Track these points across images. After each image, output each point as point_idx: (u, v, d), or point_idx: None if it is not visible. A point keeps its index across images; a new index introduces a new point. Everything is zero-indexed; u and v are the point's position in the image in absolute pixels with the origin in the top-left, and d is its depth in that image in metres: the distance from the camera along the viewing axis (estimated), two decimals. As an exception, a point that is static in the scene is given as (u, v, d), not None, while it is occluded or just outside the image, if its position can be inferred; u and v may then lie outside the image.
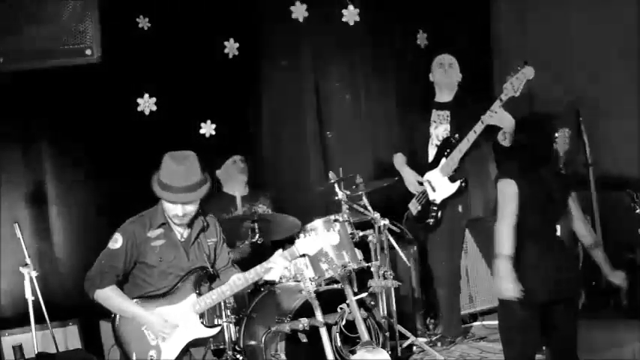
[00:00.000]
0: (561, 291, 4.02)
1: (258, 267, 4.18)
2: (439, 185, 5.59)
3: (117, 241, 4.14)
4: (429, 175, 5.63)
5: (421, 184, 5.68)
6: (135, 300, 4.15)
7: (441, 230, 5.65)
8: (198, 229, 4.31)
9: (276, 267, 4.17)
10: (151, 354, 4.11)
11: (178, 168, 4.11)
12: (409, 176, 5.73)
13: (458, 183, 5.55)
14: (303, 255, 4.34)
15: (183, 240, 4.27)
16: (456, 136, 5.50)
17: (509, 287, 3.89)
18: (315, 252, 4.25)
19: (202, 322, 4.18)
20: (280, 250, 4.23)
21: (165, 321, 4.12)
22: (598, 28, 6.38)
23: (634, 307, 5.71)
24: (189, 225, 4.28)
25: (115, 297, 4.13)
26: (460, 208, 5.62)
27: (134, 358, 4.11)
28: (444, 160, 5.56)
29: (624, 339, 5.33)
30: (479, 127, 5.23)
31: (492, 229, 4.01)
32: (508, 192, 3.95)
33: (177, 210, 4.13)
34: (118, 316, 4.17)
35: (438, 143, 5.64)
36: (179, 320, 4.14)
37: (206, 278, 4.30)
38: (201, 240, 4.33)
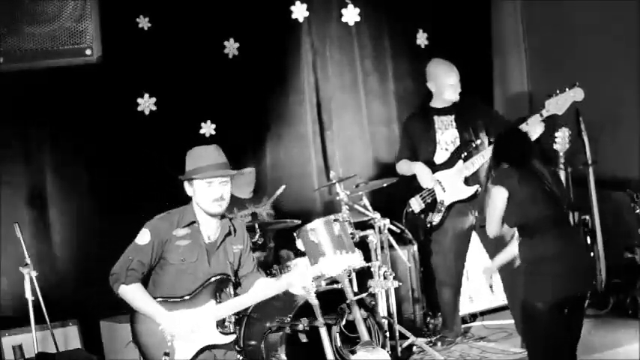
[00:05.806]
0: (580, 284, 3.97)
1: (278, 283, 4.10)
2: (451, 187, 5.54)
3: (145, 237, 4.07)
4: (440, 175, 5.57)
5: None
6: (158, 299, 4.09)
7: (449, 232, 5.60)
8: (225, 233, 4.23)
9: (297, 282, 4.06)
10: (165, 354, 4.08)
11: (207, 149, 4.13)
12: (423, 171, 5.59)
13: (474, 188, 5.52)
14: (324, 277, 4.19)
15: (208, 242, 4.19)
16: (478, 141, 5.48)
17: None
18: (339, 272, 4.11)
19: (218, 329, 4.12)
20: (303, 264, 4.20)
21: (183, 324, 4.05)
22: (599, 28, 6.38)
23: (634, 307, 5.73)
24: (221, 217, 4.21)
25: (139, 295, 4.05)
26: (476, 213, 5.57)
27: (149, 356, 4.06)
28: (460, 162, 5.52)
29: (624, 339, 5.33)
30: None
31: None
32: (498, 199, 3.99)
33: (215, 193, 4.06)
34: (136, 313, 4.11)
35: (448, 148, 5.61)
36: (196, 325, 4.07)
37: (228, 285, 4.22)
38: (227, 245, 4.24)
